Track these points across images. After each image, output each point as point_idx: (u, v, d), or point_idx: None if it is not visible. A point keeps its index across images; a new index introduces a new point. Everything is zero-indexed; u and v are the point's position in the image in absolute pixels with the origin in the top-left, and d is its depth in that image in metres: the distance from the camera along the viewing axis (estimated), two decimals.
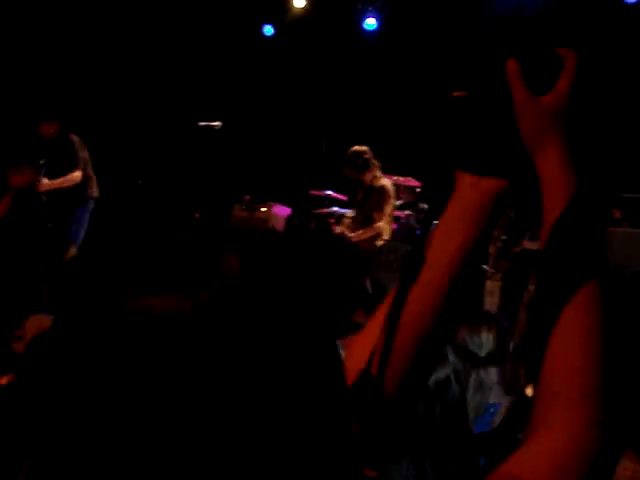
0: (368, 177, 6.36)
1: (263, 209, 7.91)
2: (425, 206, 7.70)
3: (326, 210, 7.63)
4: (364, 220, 6.35)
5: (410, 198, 7.70)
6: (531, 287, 5.21)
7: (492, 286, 5.92)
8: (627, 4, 7.47)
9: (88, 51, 8.33)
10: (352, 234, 6.19)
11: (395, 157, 8.20)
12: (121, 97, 8.54)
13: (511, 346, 2.83)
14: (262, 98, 8.97)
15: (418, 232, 7.55)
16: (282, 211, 8.08)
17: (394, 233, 6.74)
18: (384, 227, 6.25)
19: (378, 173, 6.39)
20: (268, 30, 9.08)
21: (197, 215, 8.19)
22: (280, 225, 7.95)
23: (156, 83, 8.75)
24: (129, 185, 8.10)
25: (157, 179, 8.37)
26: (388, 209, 6.31)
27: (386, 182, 6.41)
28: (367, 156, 6.32)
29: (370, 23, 8.86)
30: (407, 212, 7.49)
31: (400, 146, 8.40)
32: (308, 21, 8.85)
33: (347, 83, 8.86)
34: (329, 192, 7.69)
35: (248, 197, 8.02)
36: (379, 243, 5.79)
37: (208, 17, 8.77)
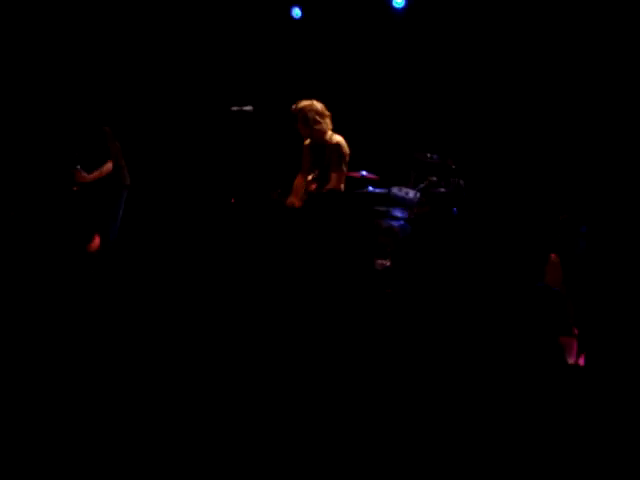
0: (320, 134, 6.40)
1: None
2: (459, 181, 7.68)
3: (361, 190, 7.63)
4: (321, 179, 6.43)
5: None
6: None
7: None
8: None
9: (116, 38, 8.39)
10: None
11: (424, 133, 8.18)
12: (152, 85, 8.59)
13: None
14: (292, 81, 8.95)
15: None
16: None
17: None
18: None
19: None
20: (296, 13, 9.05)
21: (233, 200, 8.23)
22: None
23: (186, 69, 8.78)
24: (165, 172, 8.15)
25: (192, 166, 8.42)
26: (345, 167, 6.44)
27: (340, 138, 6.44)
28: (317, 111, 6.35)
29: (398, 1, 8.78)
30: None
31: (430, 123, 8.37)
32: (335, 2, 8.82)
33: (377, 63, 8.81)
34: (363, 172, 7.68)
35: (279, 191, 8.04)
36: None
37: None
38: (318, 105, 6.46)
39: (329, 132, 6.53)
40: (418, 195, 7.48)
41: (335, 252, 5.46)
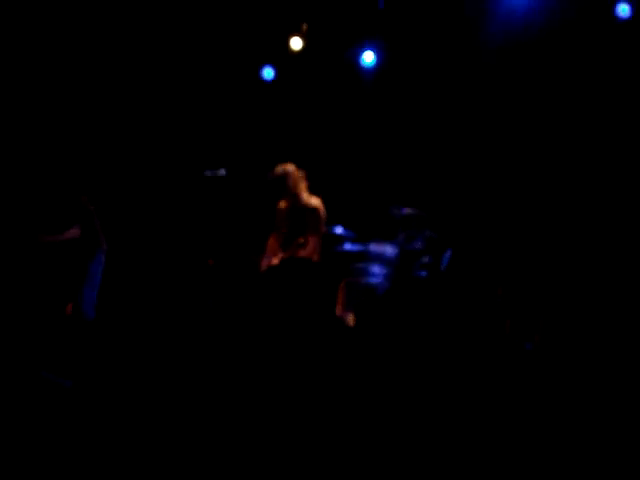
0: (298, 198, 6.39)
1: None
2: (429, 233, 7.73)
3: (338, 249, 7.61)
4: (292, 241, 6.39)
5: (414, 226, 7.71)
6: None
7: None
8: (620, 21, 7.47)
9: (94, 102, 8.43)
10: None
11: (398, 187, 8.23)
12: (126, 151, 8.61)
13: None
14: (265, 141, 9.00)
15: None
16: None
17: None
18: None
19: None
20: (268, 73, 9.13)
21: (211, 262, 8.21)
22: None
23: (159, 134, 8.82)
24: (142, 237, 8.15)
25: (169, 230, 8.41)
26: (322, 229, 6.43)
27: (318, 202, 6.44)
28: (294, 176, 6.37)
29: (368, 60, 8.90)
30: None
31: (403, 178, 8.43)
32: (307, 61, 8.92)
33: (348, 120, 8.89)
34: (339, 230, 7.68)
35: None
36: None
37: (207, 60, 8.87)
38: (293, 169, 6.47)
39: (305, 194, 6.52)
40: (396, 251, 7.48)
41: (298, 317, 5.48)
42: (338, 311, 7.01)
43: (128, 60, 8.51)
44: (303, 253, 6.28)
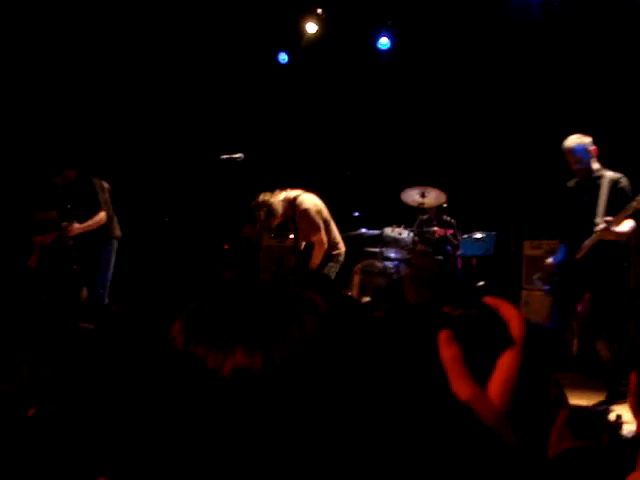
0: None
1: (291, 236, 7.92)
2: (448, 218, 7.73)
3: (354, 232, 7.63)
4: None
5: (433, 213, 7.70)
6: None
7: None
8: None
9: (106, 91, 8.44)
10: None
11: (412, 172, 8.21)
12: (141, 136, 8.63)
13: None
14: (282, 126, 9.01)
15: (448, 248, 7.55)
16: None
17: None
18: None
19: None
20: (283, 58, 9.12)
21: (226, 247, 8.23)
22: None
23: (176, 118, 8.83)
24: (156, 223, 8.15)
25: (183, 214, 8.42)
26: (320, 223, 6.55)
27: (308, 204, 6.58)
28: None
29: (383, 42, 8.88)
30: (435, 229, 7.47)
31: (418, 160, 8.41)
32: (321, 45, 8.90)
33: (365, 103, 8.88)
34: (356, 214, 7.69)
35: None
36: None
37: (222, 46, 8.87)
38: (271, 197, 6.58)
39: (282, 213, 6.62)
40: (411, 235, 7.48)
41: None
42: (354, 295, 7.02)
43: (146, 43, 8.52)
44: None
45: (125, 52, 8.45)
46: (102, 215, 6.67)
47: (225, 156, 6.86)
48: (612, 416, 4.00)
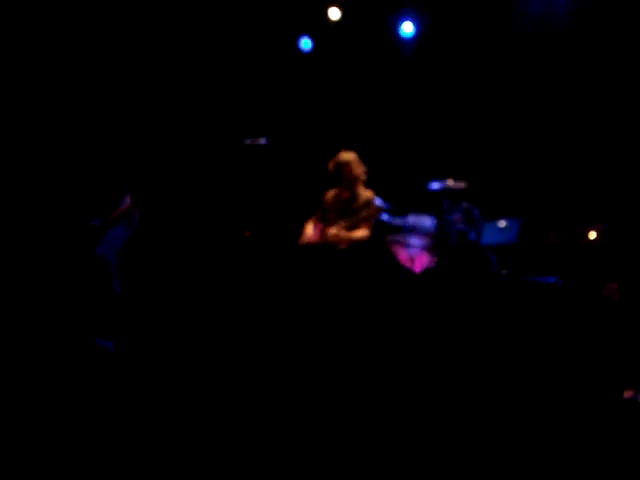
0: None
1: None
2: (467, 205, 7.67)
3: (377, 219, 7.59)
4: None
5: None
6: None
7: None
8: None
9: (127, 72, 8.44)
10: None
11: (436, 158, 8.17)
12: (166, 120, 8.62)
13: None
14: (305, 112, 8.97)
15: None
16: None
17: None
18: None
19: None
20: (306, 44, 9.08)
21: (247, 234, 8.21)
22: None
23: (199, 104, 8.81)
24: (180, 207, 8.15)
25: (206, 199, 8.41)
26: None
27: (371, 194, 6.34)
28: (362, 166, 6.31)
29: (407, 30, 8.82)
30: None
31: (442, 146, 8.37)
32: (345, 32, 8.86)
33: (387, 91, 8.83)
34: (378, 201, 7.65)
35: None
36: None
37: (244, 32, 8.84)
38: (355, 159, 6.31)
39: (362, 187, 6.35)
40: (434, 222, 7.44)
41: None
42: None
43: (170, 28, 8.51)
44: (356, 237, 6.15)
45: (151, 34, 8.44)
46: (127, 201, 6.71)
47: (249, 141, 6.86)
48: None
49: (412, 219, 7.57)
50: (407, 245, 7.34)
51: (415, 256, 7.12)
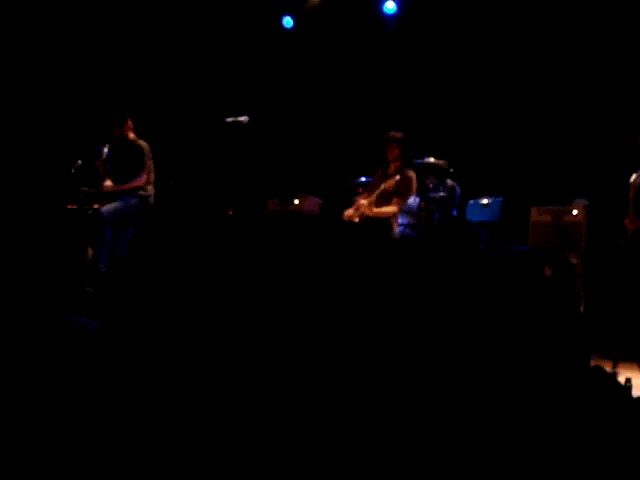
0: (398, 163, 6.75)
1: (296, 201, 7.91)
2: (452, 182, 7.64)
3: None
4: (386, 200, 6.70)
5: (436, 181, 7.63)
6: None
7: None
8: None
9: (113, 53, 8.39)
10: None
11: (420, 140, 8.14)
12: (147, 98, 8.55)
13: None
14: (287, 90, 8.91)
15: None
16: (314, 202, 8.06)
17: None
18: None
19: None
20: (287, 22, 9.01)
21: (230, 213, 8.16)
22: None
23: (179, 82, 8.74)
24: (160, 186, 8.10)
25: (187, 178, 8.36)
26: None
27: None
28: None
29: (389, 7, 8.76)
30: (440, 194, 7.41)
31: (423, 129, 8.34)
32: (326, 10, 8.80)
33: (371, 69, 8.78)
34: (362, 179, 7.62)
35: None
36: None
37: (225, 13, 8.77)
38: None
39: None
40: (418, 201, 7.41)
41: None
42: None
43: (153, 6, 8.47)
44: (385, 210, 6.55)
45: (133, 11, 8.39)
46: (142, 179, 6.80)
47: (230, 119, 6.80)
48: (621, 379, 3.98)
49: None
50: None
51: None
